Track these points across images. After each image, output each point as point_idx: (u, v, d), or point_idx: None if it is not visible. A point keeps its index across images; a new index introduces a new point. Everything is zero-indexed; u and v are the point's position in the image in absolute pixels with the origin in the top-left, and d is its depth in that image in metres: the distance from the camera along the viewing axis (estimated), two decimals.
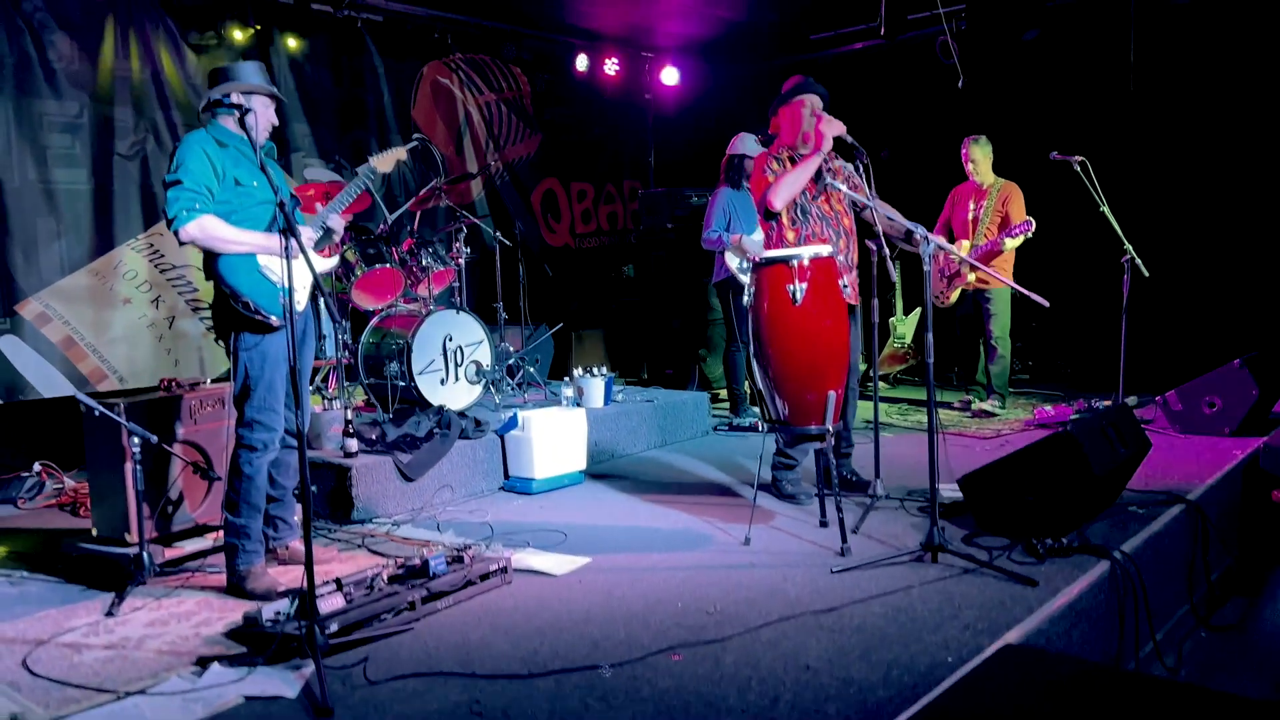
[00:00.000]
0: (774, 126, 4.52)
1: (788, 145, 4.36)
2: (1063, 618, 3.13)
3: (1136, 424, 4.21)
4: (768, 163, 4.30)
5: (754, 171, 4.40)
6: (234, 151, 3.52)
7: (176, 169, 3.40)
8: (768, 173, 4.26)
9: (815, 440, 3.81)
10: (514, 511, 4.61)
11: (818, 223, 4.18)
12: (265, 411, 3.50)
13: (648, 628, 3.07)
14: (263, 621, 3.02)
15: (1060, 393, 7.12)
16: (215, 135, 3.52)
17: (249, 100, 3.52)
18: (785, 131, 4.38)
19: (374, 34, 7.36)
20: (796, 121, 4.27)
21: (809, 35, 8.90)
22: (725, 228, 6.23)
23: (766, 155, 4.37)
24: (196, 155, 3.43)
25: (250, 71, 3.55)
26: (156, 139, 6.28)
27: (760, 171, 4.31)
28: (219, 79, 3.54)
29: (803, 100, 4.24)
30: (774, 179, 4.16)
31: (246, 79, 3.52)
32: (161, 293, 6.31)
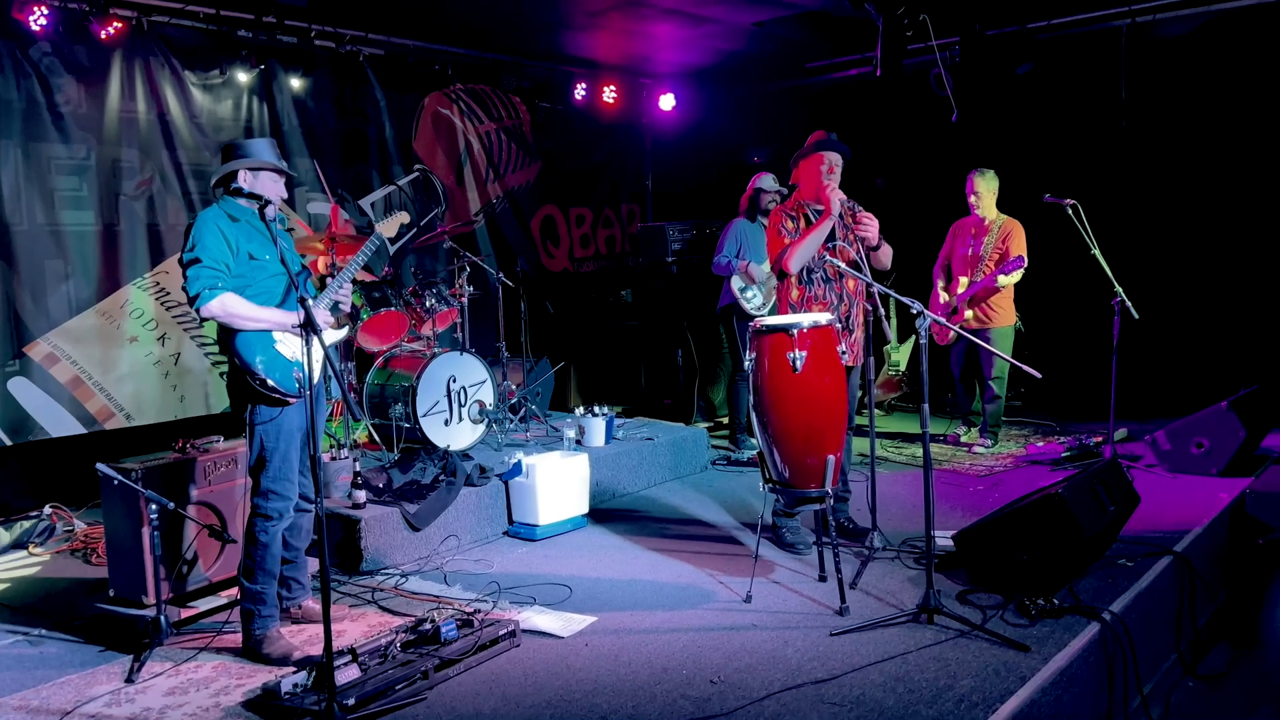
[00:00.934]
0: (795, 177, 4.63)
1: (806, 200, 4.48)
2: (1055, 684, 3.25)
3: (1125, 479, 4.33)
4: (782, 220, 4.41)
5: (770, 223, 4.51)
6: (246, 226, 3.61)
7: (194, 247, 3.49)
8: (783, 232, 4.37)
9: (815, 502, 3.92)
10: (518, 561, 4.71)
11: (821, 285, 4.30)
12: (281, 481, 3.60)
13: (654, 700, 3.18)
14: (281, 694, 3.12)
15: (1052, 423, 7.24)
16: (228, 210, 3.61)
17: (257, 177, 3.61)
18: (804, 186, 4.51)
19: (375, 67, 7.44)
20: (814, 178, 4.39)
21: (804, 63, 9.00)
22: (735, 254, 6.46)
23: (781, 211, 4.47)
24: (213, 232, 3.52)
25: (262, 149, 3.65)
26: (162, 179, 6.36)
27: (775, 229, 4.42)
28: (231, 154, 3.63)
29: (821, 157, 4.37)
30: (789, 241, 4.27)
31: (257, 156, 3.62)
32: (168, 330, 6.40)
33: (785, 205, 4.55)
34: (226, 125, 6.67)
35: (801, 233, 4.39)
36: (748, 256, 6.54)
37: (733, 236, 6.63)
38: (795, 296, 4.34)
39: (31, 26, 5.61)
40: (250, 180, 3.61)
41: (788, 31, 7.88)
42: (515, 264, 7.97)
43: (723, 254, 6.60)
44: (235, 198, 3.60)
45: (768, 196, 6.57)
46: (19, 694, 3.39)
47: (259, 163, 3.63)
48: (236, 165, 3.61)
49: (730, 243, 6.61)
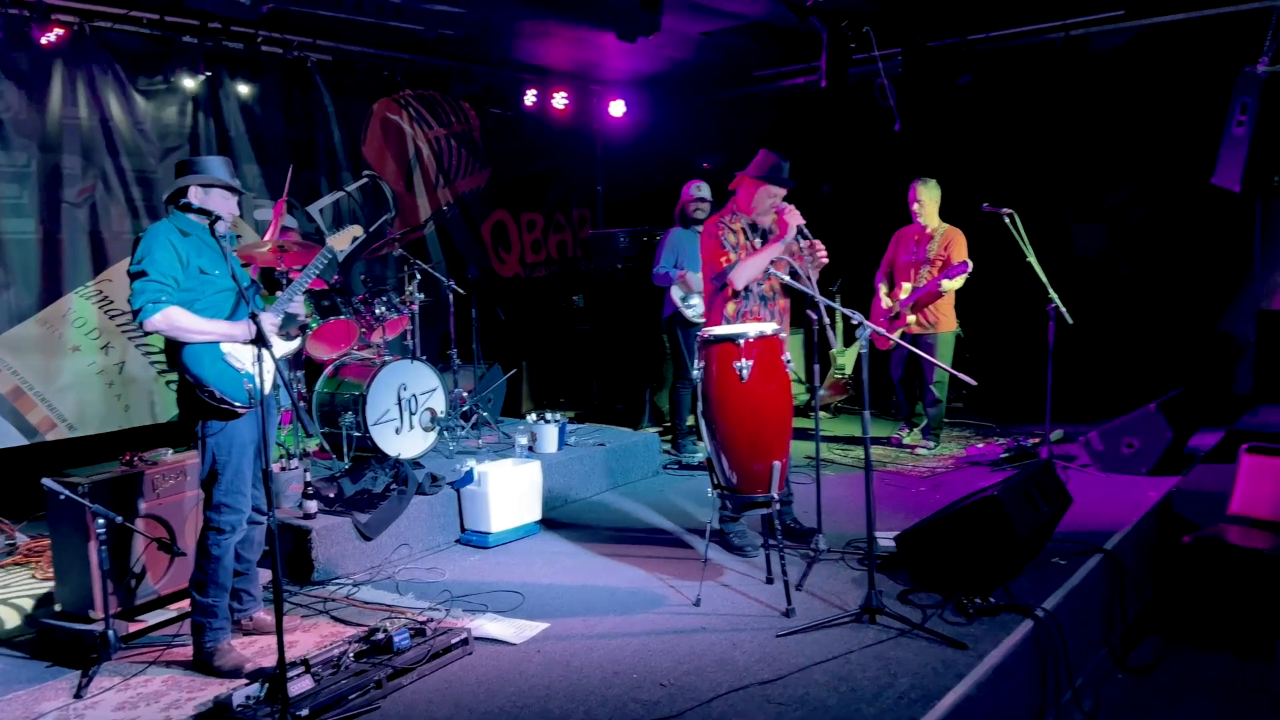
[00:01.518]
0: (736, 183, 4.71)
1: (743, 212, 4.58)
2: (990, 680, 3.38)
3: (1058, 482, 4.50)
4: (722, 232, 4.50)
5: (708, 232, 4.60)
6: (196, 240, 3.62)
7: (141, 260, 3.49)
8: (725, 244, 4.47)
9: (761, 507, 4.02)
10: (471, 568, 4.75)
11: (757, 302, 4.42)
12: (233, 495, 3.61)
13: (605, 704, 3.25)
14: (234, 707, 3.13)
15: (992, 424, 7.45)
16: (178, 225, 3.61)
17: (209, 193, 3.62)
18: (743, 201, 4.60)
19: (324, 74, 7.41)
20: (756, 199, 4.51)
21: (752, 72, 9.15)
22: (674, 265, 6.53)
23: (720, 221, 4.56)
24: (163, 246, 3.52)
25: (215, 166, 3.66)
26: (106, 186, 6.29)
27: (716, 239, 4.51)
28: (184, 171, 3.63)
29: (767, 187, 4.48)
30: (736, 257, 4.37)
31: (210, 173, 3.62)
32: (111, 339, 6.32)
33: (723, 215, 4.65)
34: (172, 132, 6.61)
35: (752, 252, 4.50)
36: (685, 266, 6.54)
37: (669, 247, 6.64)
38: (731, 311, 4.45)
39: None
40: (201, 196, 3.62)
41: (735, 41, 8.01)
42: (466, 270, 7.99)
43: (660, 265, 6.62)
44: (186, 213, 3.60)
45: (698, 205, 6.65)
46: None
47: (211, 180, 3.63)
48: (188, 181, 3.62)
49: (667, 253, 6.62)
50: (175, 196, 3.64)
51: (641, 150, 9.80)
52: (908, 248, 6.70)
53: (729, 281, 4.35)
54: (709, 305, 4.53)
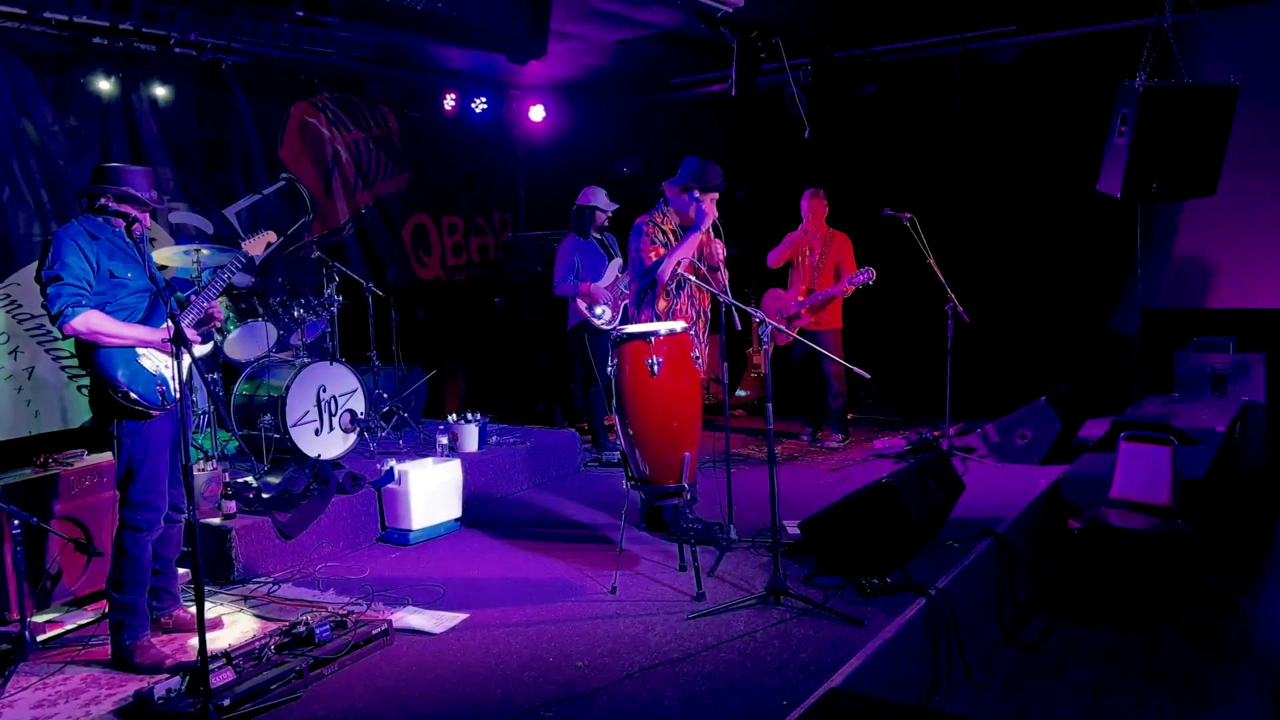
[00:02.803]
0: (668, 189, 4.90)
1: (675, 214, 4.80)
2: (884, 653, 3.62)
3: (952, 470, 4.79)
4: (652, 230, 4.69)
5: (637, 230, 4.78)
6: (106, 243, 3.64)
7: (53, 264, 3.51)
8: (655, 240, 4.65)
9: (673, 496, 4.21)
10: (392, 565, 4.84)
11: (685, 300, 4.61)
12: (150, 493, 3.65)
13: (522, 686, 3.39)
14: (155, 700, 3.19)
15: (898, 418, 7.79)
16: (87, 227, 3.63)
17: (120, 206, 3.65)
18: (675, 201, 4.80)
19: (239, 76, 7.38)
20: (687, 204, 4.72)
21: (669, 79, 9.37)
22: (574, 275, 6.61)
23: (650, 219, 4.74)
24: (73, 250, 3.54)
25: (135, 178, 3.68)
26: (13, 188, 6.17)
27: (645, 234, 4.71)
28: (100, 179, 3.65)
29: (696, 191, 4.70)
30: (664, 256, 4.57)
31: (128, 184, 3.65)
32: (20, 343, 6.21)
33: (653, 213, 4.83)
34: (82, 134, 6.52)
35: (673, 245, 4.70)
36: (585, 275, 6.62)
37: (567, 258, 6.66)
38: (662, 307, 4.64)
39: None
40: (114, 206, 3.64)
41: (651, 49, 8.21)
42: (385, 273, 8.02)
43: (560, 276, 6.65)
44: (97, 215, 3.63)
45: (604, 216, 6.74)
46: None
47: (124, 193, 3.65)
48: (103, 191, 3.64)
49: (566, 264, 6.65)
50: (87, 197, 3.66)
51: (562, 154, 9.94)
52: (802, 251, 7.00)
53: (659, 275, 4.52)
54: (639, 302, 4.69)
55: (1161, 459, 5.08)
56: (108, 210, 3.59)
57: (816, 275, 6.91)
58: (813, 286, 6.88)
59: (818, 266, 6.91)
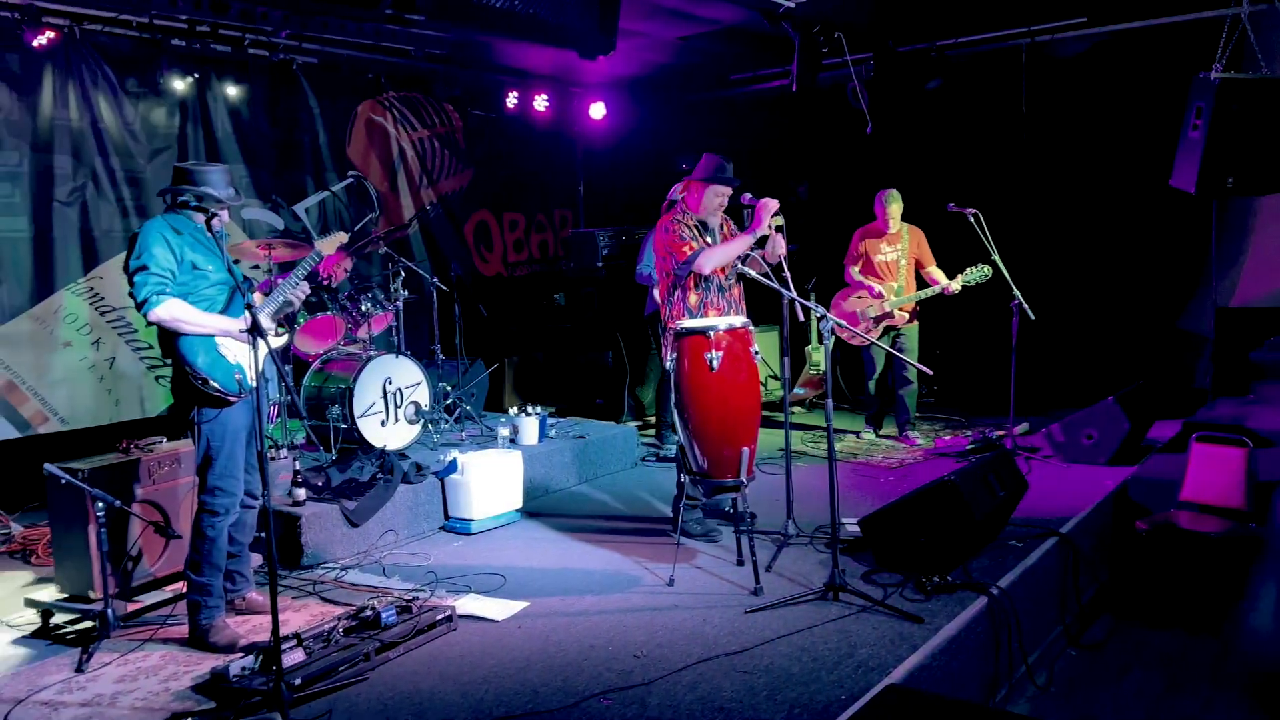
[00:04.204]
0: (685, 186, 4.93)
1: (694, 212, 4.81)
2: (944, 651, 3.60)
3: (1015, 468, 4.73)
4: (678, 227, 4.70)
5: (662, 228, 4.80)
6: (189, 237, 3.79)
7: (140, 255, 3.66)
8: (683, 236, 4.66)
9: (731, 491, 4.22)
10: (454, 554, 4.93)
11: (716, 293, 4.64)
12: (226, 479, 3.79)
13: (581, 673, 3.44)
14: (230, 677, 3.31)
15: (960, 418, 7.69)
16: (172, 223, 3.78)
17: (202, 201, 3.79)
18: (692, 203, 4.82)
19: (309, 76, 7.57)
20: (705, 201, 4.75)
21: (729, 75, 9.37)
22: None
23: (673, 219, 4.76)
24: (159, 242, 3.69)
25: (214, 179, 3.82)
26: (96, 185, 6.43)
27: (672, 232, 4.71)
28: (182, 179, 3.80)
29: (714, 187, 4.72)
30: (703, 247, 4.57)
31: (208, 184, 3.79)
32: (102, 335, 6.46)
33: (674, 214, 4.85)
34: (160, 132, 6.76)
35: (724, 240, 4.71)
36: None
37: (652, 247, 6.85)
38: (694, 301, 4.66)
39: None
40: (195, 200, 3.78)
41: (711, 45, 8.23)
42: (449, 269, 8.15)
43: (644, 263, 6.83)
44: (178, 211, 3.77)
45: None
46: None
47: (204, 193, 3.78)
48: (183, 190, 3.78)
49: (651, 253, 6.84)
50: (171, 194, 3.80)
51: (621, 151, 10.00)
52: (878, 248, 6.94)
53: (696, 266, 4.53)
54: (668, 298, 4.71)
55: (1235, 461, 4.96)
56: (189, 206, 3.73)
57: (899, 272, 6.86)
58: (900, 284, 6.83)
59: (899, 264, 6.86)
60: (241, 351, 3.83)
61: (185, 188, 3.77)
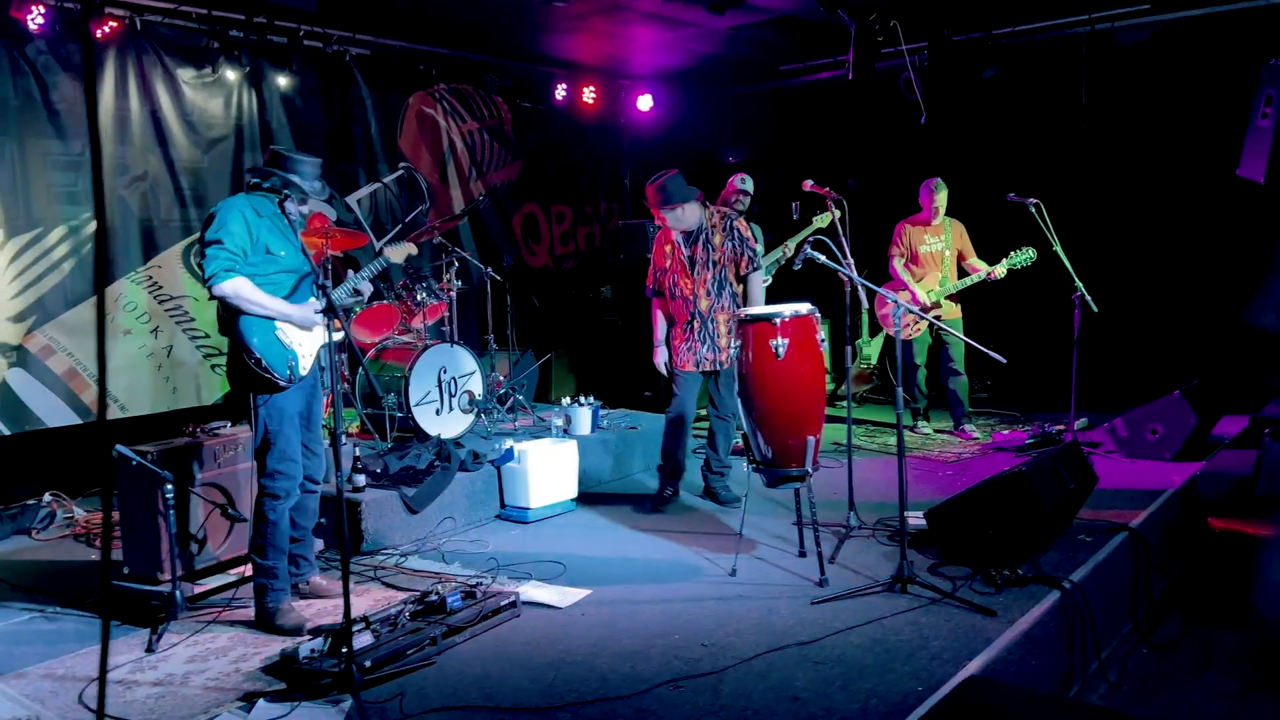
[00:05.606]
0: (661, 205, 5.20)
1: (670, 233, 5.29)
2: (1018, 645, 3.52)
3: (1084, 460, 4.62)
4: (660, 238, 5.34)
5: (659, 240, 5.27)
6: (267, 220, 3.81)
7: (218, 229, 3.68)
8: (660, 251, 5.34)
9: (796, 480, 4.16)
10: (512, 541, 4.92)
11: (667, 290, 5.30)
12: (285, 462, 3.80)
13: (649, 661, 3.41)
14: (300, 659, 3.31)
15: (1016, 413, 7.56)
16: (254, 204, 3.80)
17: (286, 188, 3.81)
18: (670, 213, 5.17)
19: (362, 67, 7.60)
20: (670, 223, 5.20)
21: (778, 66, 9.28)
22: None
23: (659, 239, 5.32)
24: (237, 219, 3.71)
25: (307, 171, 3.86)
26: (154, 176, 6.49)
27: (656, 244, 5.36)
28: (277, 164, 3.83)
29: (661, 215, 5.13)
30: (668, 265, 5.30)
31: (299, 175, 3.83)
32: (160, 323, 6.53)
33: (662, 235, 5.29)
34: (217, 123, 6.81)
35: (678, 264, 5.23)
36: None
37: None
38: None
39: (29, 25, 5.73)
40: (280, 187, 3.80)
41: (762, 35, 8.15)
42: (502, 259, 8.16)
43: None
44: (262, 193, 3.79)
45: (740, 197, 6.87)
46: (43, 663, 3.55)
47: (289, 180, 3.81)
48: (271, 174, 3.81)
49: None
50: (259, 177, 3.82)
51: (667, 144, 9.94)
52: (921, 239, 6.85)
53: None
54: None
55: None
56: (277, 190, 3.76)
57: (944, 264, 6.77)
58: (945, 275, 6.73)
59: (943, 255, 6.77)
60: (298, 338, 3.84)
61: (275, 172, 3.79)
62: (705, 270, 5.12)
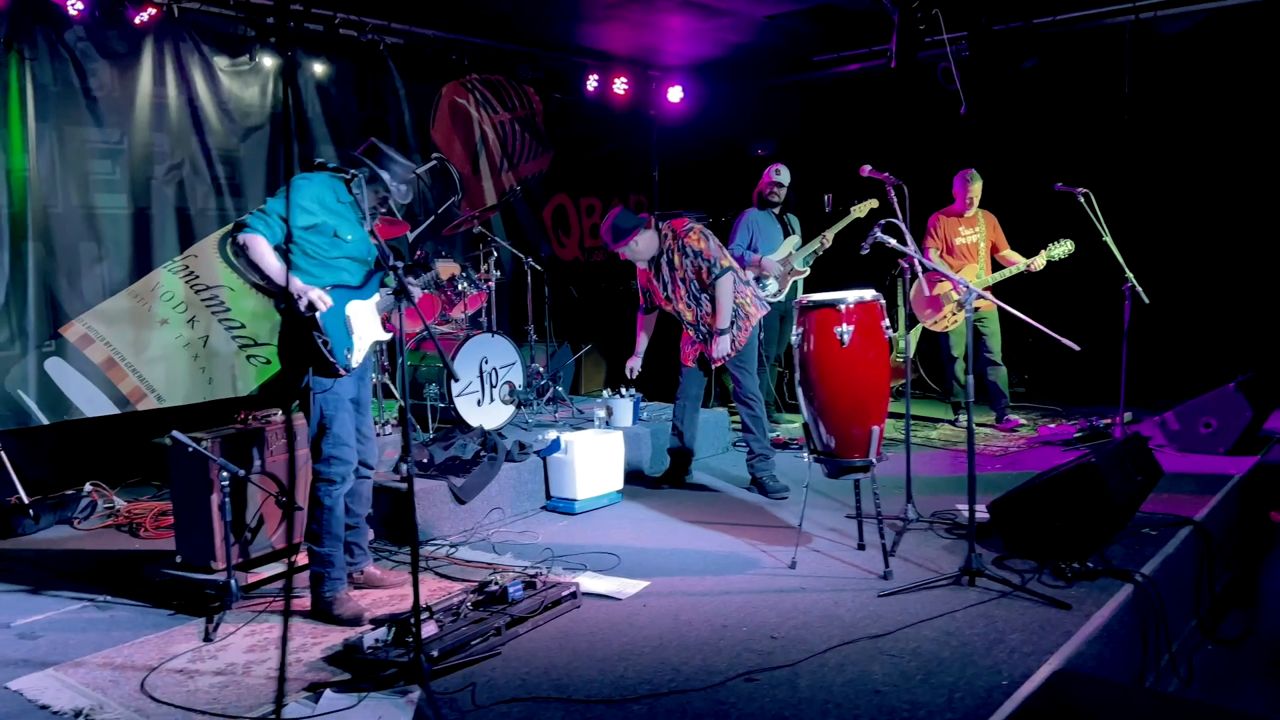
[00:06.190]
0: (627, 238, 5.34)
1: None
2: (1096, 639, 3.43)
3: (1149, 452, 4.52)
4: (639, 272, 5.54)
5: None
6: (344, 208, 3.76)
7: (278, 194, 3.66)
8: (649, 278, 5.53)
9: (859, 471, 4.08)
10: (561, 533, 4.85)
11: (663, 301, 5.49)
12: (341, 447, 3.74)
13: (720, 653, 3.33)
14: (364, 649, 3.24)
15: (1056, 407, 7.45)
16: (334, 188, 3.74)
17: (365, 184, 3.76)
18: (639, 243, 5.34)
19: (395, 57, 7.54)
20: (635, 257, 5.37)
21: (811, 57, 9.18)
22: (747, 246, 6.72)
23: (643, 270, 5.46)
24: (309, 199, 3.66)
25: (399, 172, 3.82)
26: (192, 164, 6.44)
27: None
28: (373, 155, 3.79)
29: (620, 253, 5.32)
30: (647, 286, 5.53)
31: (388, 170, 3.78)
32: (196, 313, 6.47)
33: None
34: (254, 111, 6.75)
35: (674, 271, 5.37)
36: (759, 246, 6.82)
37: (744, 227, 6.89)
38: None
39: (69, 11, 5.68)
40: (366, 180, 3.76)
41: (798, 25, 8.05)
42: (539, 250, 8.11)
43: (735, 244, 6.86)
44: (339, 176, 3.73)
45: (775, 189, 6.85)
46: (100, 652, 3.49)
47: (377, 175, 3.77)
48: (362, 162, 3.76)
49: (742, 233, 6.88)
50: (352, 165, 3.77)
51: (696, 136, 9.87)
52: (956, 231, 6.76)
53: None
54: None
55: None
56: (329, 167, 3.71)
57: (979, 255, 6.68)
58: (980, 267, 6.64)
59: (978, 247, 6.68)
60: (360, 330, 3.79)
61: (367, 163, 3.75)
62: (677, 288, 5.32)
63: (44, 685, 3.22)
